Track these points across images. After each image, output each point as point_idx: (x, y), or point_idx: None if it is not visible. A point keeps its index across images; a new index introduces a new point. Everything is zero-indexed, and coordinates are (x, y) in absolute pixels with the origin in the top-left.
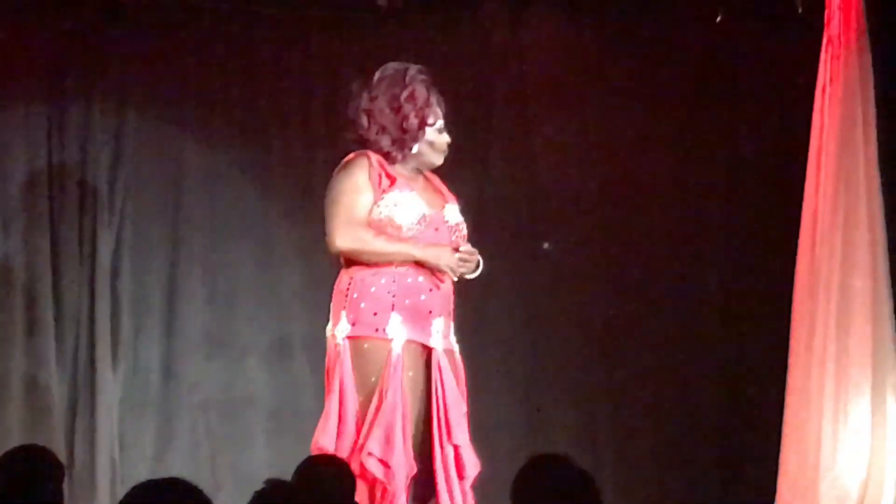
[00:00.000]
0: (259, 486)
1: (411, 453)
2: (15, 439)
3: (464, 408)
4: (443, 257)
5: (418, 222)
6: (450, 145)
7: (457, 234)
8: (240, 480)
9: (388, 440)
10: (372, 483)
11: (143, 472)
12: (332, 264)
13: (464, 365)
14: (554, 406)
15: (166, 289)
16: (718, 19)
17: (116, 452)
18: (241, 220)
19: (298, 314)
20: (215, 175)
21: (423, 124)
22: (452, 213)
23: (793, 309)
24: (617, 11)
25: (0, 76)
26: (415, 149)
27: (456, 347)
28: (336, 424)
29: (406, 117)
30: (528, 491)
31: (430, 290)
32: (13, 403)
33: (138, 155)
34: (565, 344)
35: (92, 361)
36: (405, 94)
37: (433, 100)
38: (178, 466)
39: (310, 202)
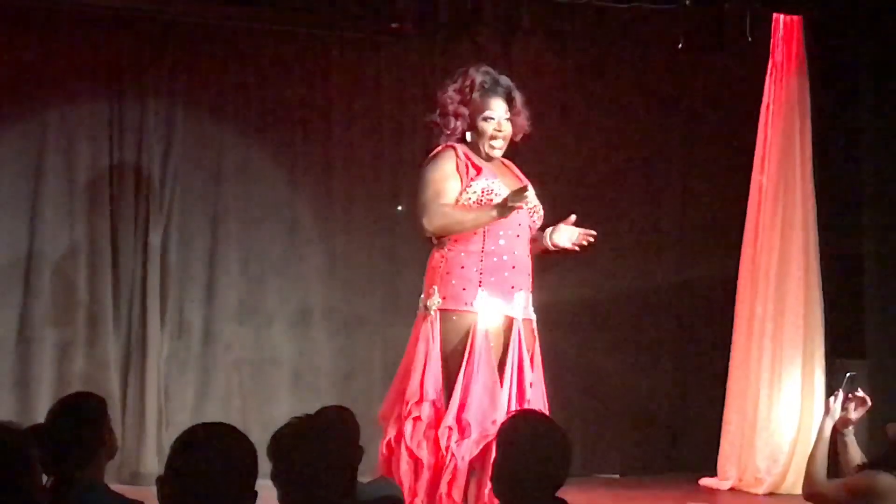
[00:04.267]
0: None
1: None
2: (76, 388)
3: (535, 376)
4: (505, 203)
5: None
6: (503, 134)
7: (535, 213)
8: (266, 427)
9: (463, 404)
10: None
11: (184, 419)
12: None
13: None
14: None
15: (207, 264)
16: (680, 45)
17: (163, 401)
18: (271, 206)
19: (318, 288)
20: (249, 168)
21: (471, 114)
22: (530, 195)
23: (737, 293)
24: (592, 38)
25: (69, 82)
26: (468, 136)
27: (534, 317)
28: (419, 380)
29: (458, 107)
30: (512, 439)
31: (513, 267)
32: (76, 359)
33: (185, 151)
34: (544, 325)
35: (143, 324)
36: (462, 86)
37: (477, 93)
38: (214, 414)
39: (328, 192)
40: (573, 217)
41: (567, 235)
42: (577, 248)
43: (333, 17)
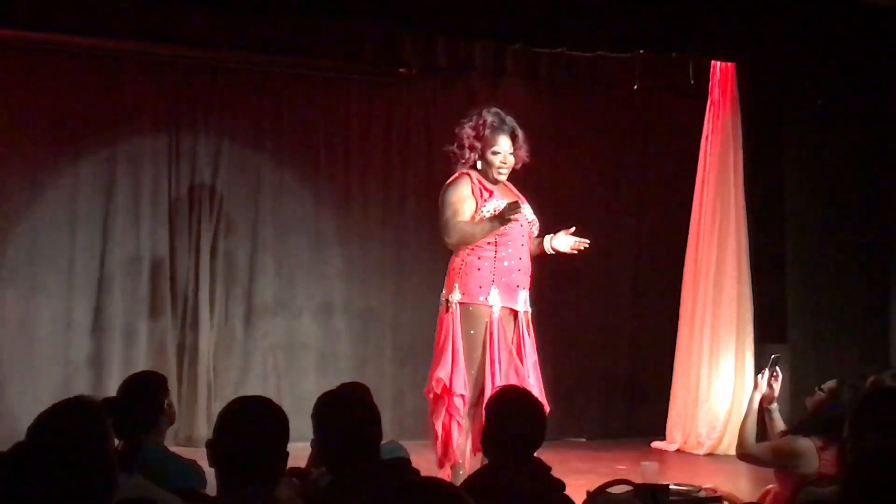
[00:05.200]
0: (310, 404)
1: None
2: (141, 368)
3: (535, 357)
4: (502, 214)
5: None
6: (507, 166)
7: (534, 225)
8: (297, 402)
9: (494, 385)
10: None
11: (229, 393)
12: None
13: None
14: None
15: (248, 266)
16: (636, 87)
17: (212, 378)
18: (300, 219)
19: (339, 286)
20: (282, 188)
21: (482, 147)
22: (528, 210)
23: (682, 289)
24: (564, 81)
25: (135, 118)
26: (479, 164)
27: (530, 310)
28: (450, 363)
29: (472, 141)
30: (499, 408)
31: (519, 270)
32: (141, 344)
33: (229, 174)
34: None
35: (196, 316)
36: (476, 124)
37: (489, 131)
38: (253, 389)
39: (348, 206)
40: (573, 228)
41: (566, 242)
42: (575, 252)
43: (350, 63)
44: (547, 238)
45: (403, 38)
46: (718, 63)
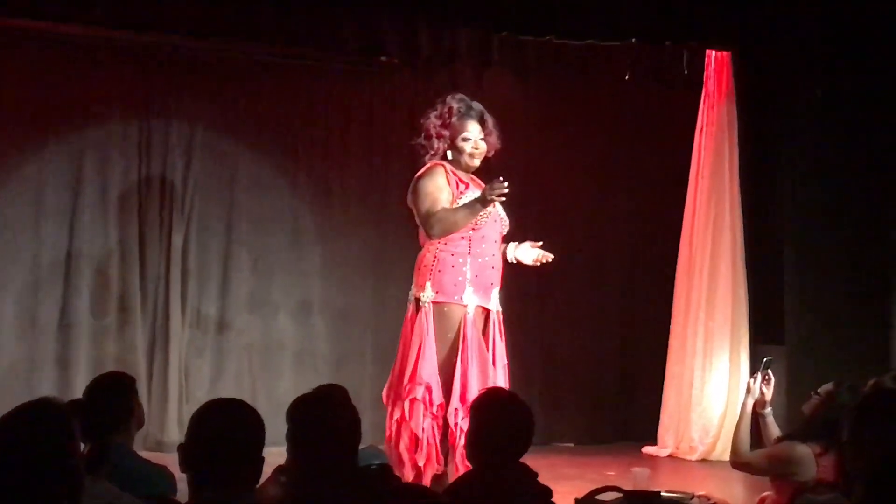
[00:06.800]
0: (285, 406)
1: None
2: (109, 368)
3: (505, 360)
4: (484, 195)
5: (487, 216)
6: (479, 151)
7: (503, 223)
8: (273, 404)
9: (465, 386)
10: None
11: (202, 395)
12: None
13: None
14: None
15: (222, 262)
16: (626, 77)
17: (183, 379)
18: (277, 213)
19: (317, 284)
20: (258, 180)
21: (451, 135)
22: (500, 208)
23: (674, 288)
24: (553, 72)
25: (105, 106)
26: (449, 154)
27: (500, 308)
28: (414, 365)
29: (439, 130)
30: (484, 412)
31: (493, 267)
32: (109, 343)
33: (203, 165)
34: (510, 315)
35: (167, 314)
36: (441, 113)
37: (455, 118)
38: (227, 391)
39: (327, 201)
40: (541, 242)
41: (531, 254)
42: (537, 264)
43: (332, 50)
44: (511, 246)
45: (385, 26)
46: (714, 52)
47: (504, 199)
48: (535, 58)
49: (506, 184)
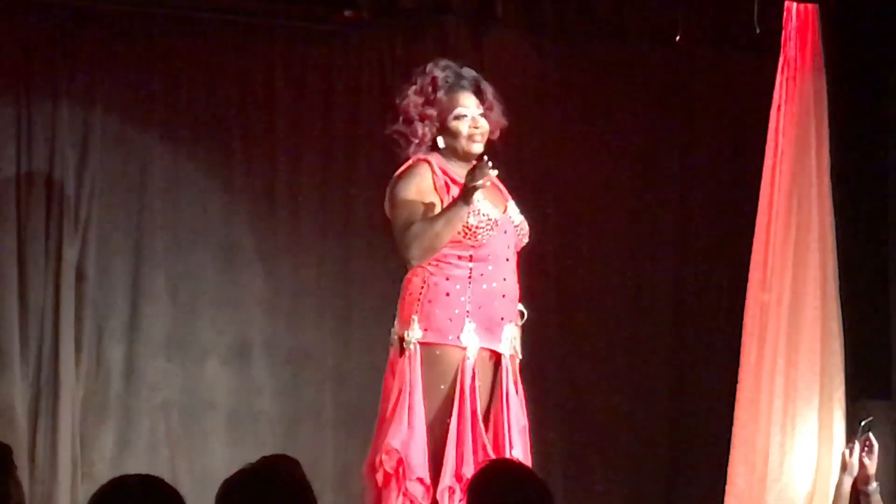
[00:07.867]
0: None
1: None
2: None
3: (524, 421)
4: (466, 188)
5: (490, 228)
6: (480, 131)
7: (521, 231)
8: (198, 481)
9: (460, 457)
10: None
11: (103, 472)
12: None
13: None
14: None
15: (129, 291)
16: (678, 38)
17: (78, 451)
18: (204, 224)
19: (259, 318)
20: (179, 179)
21: (440, 115)
22: (514, 211)
23: (744, 323)
24: (577, 30)
25: None
26: (440, 142)
27: (519, 352)
28: (406, 428)
29: (423, 110)
30: (484, 494)
31: (503, 295)
32: None
33: (104, 158)
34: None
35: (55, 361)
36: (423, 87)
37: (443, 92)
38: (137, 466)
39: (271, 208)
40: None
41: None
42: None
43: (277, 3)
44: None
45: None
46: (795, 4)
47: (489, 183)
48: (552, 11)
49: (490, 164)
